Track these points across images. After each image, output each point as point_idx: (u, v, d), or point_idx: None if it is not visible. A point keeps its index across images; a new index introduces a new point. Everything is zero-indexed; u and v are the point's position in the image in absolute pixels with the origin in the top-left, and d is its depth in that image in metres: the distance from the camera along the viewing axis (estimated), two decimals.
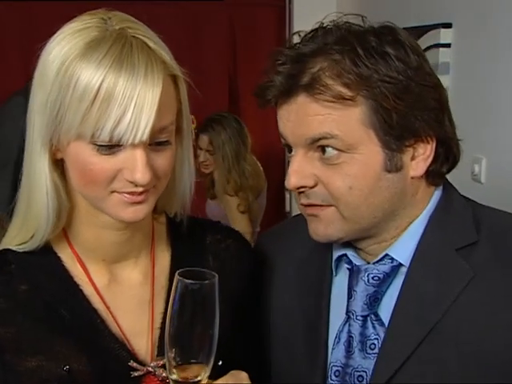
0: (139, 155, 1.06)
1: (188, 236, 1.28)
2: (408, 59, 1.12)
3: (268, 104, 1.17)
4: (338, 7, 3.81)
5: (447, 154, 1.20)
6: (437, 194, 1.23)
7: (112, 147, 1.06)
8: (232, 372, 1.08)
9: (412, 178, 1.17)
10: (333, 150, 1.12)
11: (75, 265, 1.20)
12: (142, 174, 1.06)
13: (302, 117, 1.13)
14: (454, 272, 1.16)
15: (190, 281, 1.01)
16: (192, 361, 1.01)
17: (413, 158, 1.16)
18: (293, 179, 1.15)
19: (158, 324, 1.17)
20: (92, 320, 1.17)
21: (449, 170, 1.23)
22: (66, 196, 1.15)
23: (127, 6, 4.74)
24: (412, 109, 1.12)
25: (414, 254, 1.19)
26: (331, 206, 1.16)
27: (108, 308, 1.19)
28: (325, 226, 1.18)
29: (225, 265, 1.29)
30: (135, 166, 1.06)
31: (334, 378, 1.21)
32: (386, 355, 1.16)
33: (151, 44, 1.08)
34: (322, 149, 1.13)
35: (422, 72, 1.14)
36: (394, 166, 1.14)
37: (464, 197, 1.27)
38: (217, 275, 1.03)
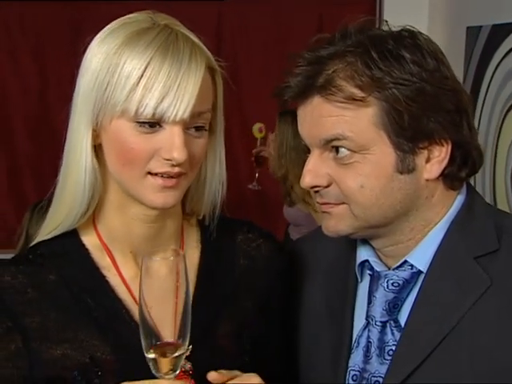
0: (178, 134, 1.12)
1: (218, 234, 1.31)
2: (424, 62, 1.13)
3: (286, 105, 1.21)
4: (430, 3, 3.78)
5: (465, 159, 1.19)
6: (459, 199, 1.22)
7: (153, 126, 1.12)
8: (245, 374, 1.11)
9: (427, 180, 1.17)
10: (346, 150, 1.14)
11: (104, 256, 1.24)
12: (179, 152, 1.11)
13: (317, 118, 1.16)
14: (471, 280, 1.15)
15: (156, 258, 1.06)
16: (168, 340, 1.05)
17: (427, 161, 1.16)
18: (307, 178, 1.18)
19: (179, 315, 1.12)
20: (117, 310, 1.21)
21: (469, 175, 1.21)
22: (100, 179, 1.19)
23: (220, 4, 4.82)
24: (426, 111, 1.12)
25: (433, 260, 1.19)
26: (343, 203, 1.18)
27: (135, 299, 1.21)
28: (335, 222, 1.20)
29: (254, 264, 1.32)
30: (173, 143, 1.12)
31: (351, 381, 1.22)
32: (400, 358, 1.17)
33: (194, 39, 1.17)
34: (336, 149, 1.15)
35: (438, 75, 1.14)
36: (406, 168, 1.15)
37: (488, 204, 1.26)
38: (182, 252, 1.07)
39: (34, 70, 4.13)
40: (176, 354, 1.05)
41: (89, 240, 1.25)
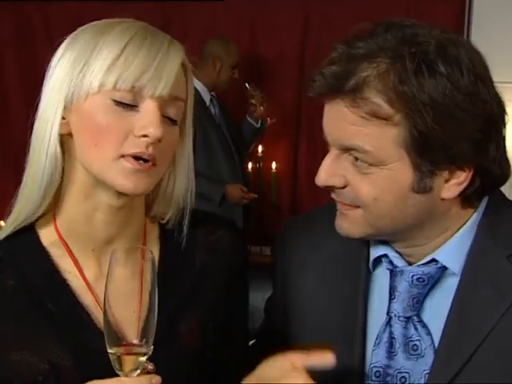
0: (154, 111, 1.11)
1: (179, 230, 1.27)
2: (461, 82, 1.06)
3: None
4: None
5: (486, 180, 1.14)
6: (484, 199, 1.19)
7: (128, 105, 1.11)
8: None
9: (443, 199, 1.13)
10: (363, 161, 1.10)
11: (64, 256, 1.21)
12: (155, 127, 1.09)
13: (339, 121, 1.11)
14: (505, 280, 1.13)
15: (122, 255, 1.04)
16: (133, 341, 1.03)
17: (447, 181, 1.12)
18: (322, 177, 1.14)
19: (143, 315, 1.07)
20: (78, 314, 1.18)
21: (488, 194, 1.18)
22: (61, 169, 1.17)
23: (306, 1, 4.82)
24: (451, 137, 1.07)
25: (466, 262, 1.16)
26: (359, 207, 1.14)
27: (97, 302, 1.19)
28: (349, 224, 1.17)
29: (216, 256, 1.30)
30: (150, 119, 1.10)
31: (374, 378, 1.20)
32: (440, 364, 1.15)
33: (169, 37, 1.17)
34: (354, 156, 1.11)
35: (473, 98, 1.07)
36: (421, 188, 1.10)
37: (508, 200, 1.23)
38: (152, 252, 1.06)
39: None
40: (138, 353, 1.04)
41: (48, 238, 1.22)
